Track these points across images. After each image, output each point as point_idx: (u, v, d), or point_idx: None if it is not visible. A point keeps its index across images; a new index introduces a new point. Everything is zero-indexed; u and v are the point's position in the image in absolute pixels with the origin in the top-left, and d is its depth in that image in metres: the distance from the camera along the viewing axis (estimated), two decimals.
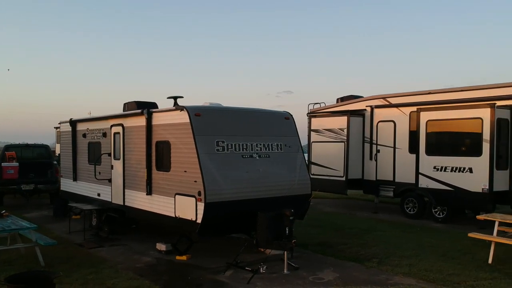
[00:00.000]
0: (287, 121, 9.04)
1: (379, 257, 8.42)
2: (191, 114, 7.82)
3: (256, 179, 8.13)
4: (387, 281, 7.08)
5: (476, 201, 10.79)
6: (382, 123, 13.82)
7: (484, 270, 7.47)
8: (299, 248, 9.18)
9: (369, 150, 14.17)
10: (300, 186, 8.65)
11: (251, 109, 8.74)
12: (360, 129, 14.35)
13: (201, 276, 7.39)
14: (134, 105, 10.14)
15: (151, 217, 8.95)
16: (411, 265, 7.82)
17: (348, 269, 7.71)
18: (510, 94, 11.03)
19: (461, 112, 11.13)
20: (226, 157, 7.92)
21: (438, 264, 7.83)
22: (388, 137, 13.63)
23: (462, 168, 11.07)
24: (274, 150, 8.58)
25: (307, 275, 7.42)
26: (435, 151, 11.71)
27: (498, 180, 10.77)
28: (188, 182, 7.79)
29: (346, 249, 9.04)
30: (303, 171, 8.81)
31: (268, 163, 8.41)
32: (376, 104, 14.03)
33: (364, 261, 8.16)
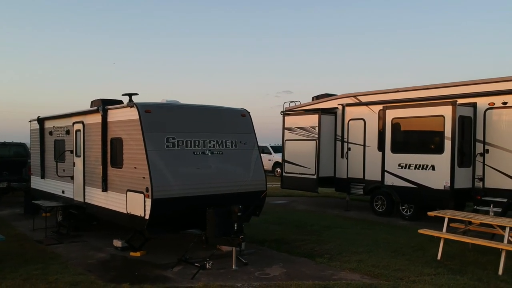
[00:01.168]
0: (243, 118, 9.08)
1: (332, 253, 8.47)
2: (141, 110, 7.85)
3: (207, 175, 8.16)
4: (332, 276, 7.12)
5: (439, 198, 10.84)
6: (353, 121, 13.87)
7: (430, 266, 7.51)
8: (256, 245, 9.26)
9: (341, 148, 14.22)
10: (254, 183, 8.69)
11: (205, 106, 8.77)
12: (332, 127, 14.40)
13: (148, 272, 7.43)
14: (99, 102, 10.16)
15: (107, 213, 8.99)
16: (360, 261, 7.85)
17: (297, 265, 7.75)
18: (474, 92, 11.06)
19: (424, 109, 11.19)
20: (176, 154, 7.95)
21: (387, 260, 7.86)
22: (358, 135, 13.68)
23: (425, 166, 11.12)
24: (228, 147, 8.62)
25: (254, 270, 7.46)
26: (399, 149, 11.76)
27: (461, 177, 10.81)
28: (138, 178, 7.83)
29: (302, 246, 9.08)
30: (257, 168, 8.85)
31: (221, 160, 8.44)
32: (347, 103, 14.07)
33: (316, 257, 8.20)
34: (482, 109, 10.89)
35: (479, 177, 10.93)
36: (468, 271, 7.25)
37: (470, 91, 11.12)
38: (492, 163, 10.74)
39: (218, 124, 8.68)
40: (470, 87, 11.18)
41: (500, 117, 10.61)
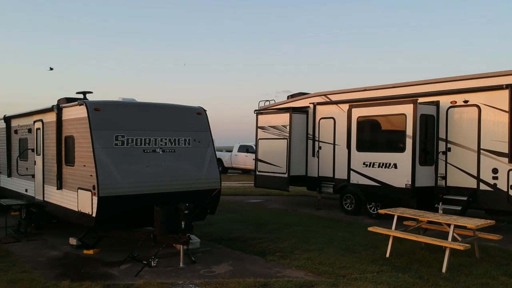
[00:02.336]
0: (199, 116, 9.08)
1: (285, 251, 8.47)
2: (90, 108, 7.85)
3: (157, 173, 8.16)
4: (276, 274, 7.13)
5: (401, 197, 10.85)
6: (324, 120, 13.88)
7: (376, 264, 7.52)
8: (213, 243, 9.27)
9: (312, 147, 14.23)
10: (207, 181, 8.69)
11: (159, 104, 8.77)
12: (304, 126, 14.41)
13: (95, 269, 7.43)
14: (63, 101, 10.16)
15: (61, 211, 9.00)
16: (309, 259, 7.86)
17: (246, 263, 7.76)
18: (437, 90, 11.07)
19: (387, 108, 11.20)
20: (125, 152, 7.95)
21: (335, 258, 7.87)
22: (328, 134, 13.69)
23: (388, 164, 11.14)
24: (181, 145, 8.62)
25: (201, 268, 7.46)
26: (364, 147, 11.78)
27: (422, 176, 10.83)
28: (86, 176, 7.83)
29: (257, 244, 9.09)
30: (212, 166, 8.86)
31: (173, 158, 8.44)
32: (318, 101, 14.08)
33: (267, 255, 8.20)
34: (445, 108, 10.90)
35: (442, 175, 10.95)
36: (412, 268, 7.26)
37: (434, 90, 11.13)
38: (454, 161, 10.76)
39: (172, 122, 8.68)
40: (433, 86, 11.19)
41: (462, 115, 10.62)
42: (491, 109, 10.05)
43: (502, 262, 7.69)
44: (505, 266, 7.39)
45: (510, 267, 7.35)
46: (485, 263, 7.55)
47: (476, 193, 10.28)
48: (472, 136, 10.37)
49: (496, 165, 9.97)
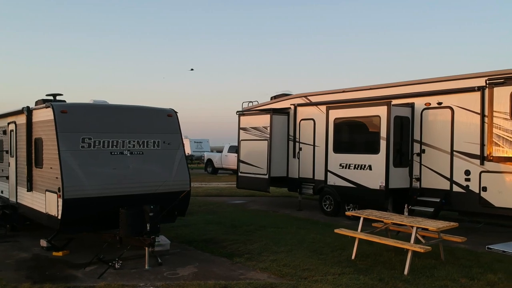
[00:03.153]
0: (169, 118, 9.10)
1: (253, 253, 8.49)
2: (56, 111, 7.87)
3: (124, 175, 8.18)
4: (239, 276, 7.16)
5: (375, 198, 10.89)
6: (304, 121, 13.91)
7: (340, 266, 7.54)
8: (185, 245, 9.30)
9: (293, 148, 14.26)
10: (176, 183, 8.71)
11: (128, 106, 8.79)
12: (285, 127, 14.43)
13: (60, 271, 7.46)
14: (41, 102, 10.18)
15: (32, 213, 9.02)
16: (274, 260, 7.89)
17: (212, 265, 7.78)
18: (413, 92, 11.10)
19: (363, 110, 11.23)
20: (92, 154, 7.97)
21: (301, 260, 7.90)
22: (308, 135, 13.72)
23: (363, 166, 11.16)
24: (150, 147, 8.64)
25: (166, 270, 7.49)
26: (341, 149, 11.81)
27: (397, 177, 10.86)
28: (53, 178, 7.86)
29: (228, 245, 9.11)
30: (181, 168, 8.88)
31: (141, 160, 8.46)
32: (299, 103, 14.11)
33: (235, 257, 8.23)
34: (420, 109, 10.94)
35: (417, 177, 10.98)
36: (375, 270, 7.29)
37: (409, 92, 11.17)
38: (428, 163, 10.79)
39: (141, 124, 8.69)
40: (409, 87, 11.22)
41: (436, 117, 10.65)
42: (463, 111, 10.09)
43: (466, 264, 7.71)
44: (467, 268, 7.42)
45: (472, 269, 7.37)
46: (448, 265, 7.58)
47: (449, 195, 10.32)
48: (446, 137, 10.40)
49: (468, 166, 10.00)
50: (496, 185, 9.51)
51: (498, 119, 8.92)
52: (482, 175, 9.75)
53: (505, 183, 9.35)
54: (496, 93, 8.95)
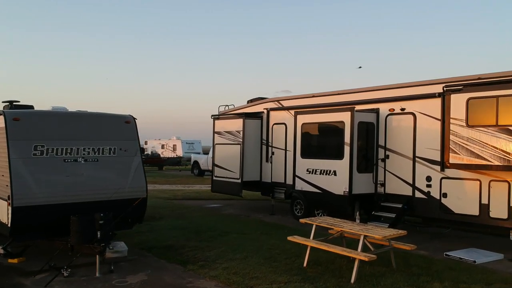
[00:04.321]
0: (127, 125, 9.10)
1: (208, 260, 8.49)
2: (8, 118, 7.88)
3: (77, 183, 8.18)
4: (187, 284, 7.18)
5: (340, 204, 10.90)
6: (276, 125, 13.93)
7: (290, 274, 7.54)
8: (145, 251, 9.29)
9: (266, 152, 14.27)
10: (131, 190, 8.71)
11: (83, 113, 8.81)
12: (258, 131, 14.45)
13: (9, 279, 7.44)
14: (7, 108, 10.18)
15: None
16: (226, 268, 7.88)
17: (164, 272, 7.78)
18: (378, 98, 11.12)
19: (328, 115, 11.25)
20: (44, 162, 7.97)
21: (253, 267, 7.89)
22: (281, 140, 13.74)
23: (328, 171, 11.18)
24: (106, 154, 8.64)
25: (116, 278, 7.49)
26: (308, 154, 11.82)
27: (361, 183, 10.87)
28: (4, 186, 7.86)
29: (186, 252, 9.11)
30: (138, 175, 8.88)
31: (95, 167, 8.47)
32: (271, 107, 14.13)
33: (189, 264, 8.23)
34: (384, 115, 10.95)
35: (381, 182, 10.99)
36: (322, 279, 7.29)
37: (375, 97, 11.18)
38: (392, 168, 10.81)
39: (97, 131, 8.70)
40: (375, 93, 11.25)
41: (399, 123, 10.67)
42: (425, 117, 10.11)
43: (416, 272, 7.72)
44: (415, 277, 7.42)
45: (420, 278, 7.38)
46: (398, 273, 7.58)
47: (412, 201, 10.34)
48: (408, 143, 10.42)
49: (429, 173, 10.02)
50: (455, 191, 9.53)
51: (455, 126, 8.93)
52: (442, 181, 9.77)
53: (464, 190, 9.37)
54: (453, 100, 8.97)
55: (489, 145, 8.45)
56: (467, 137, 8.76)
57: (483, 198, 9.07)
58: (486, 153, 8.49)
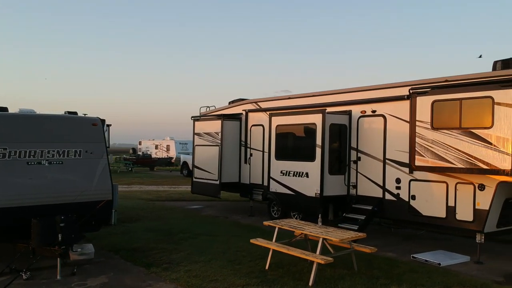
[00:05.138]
0: (94, 127, 9.09)
1: (173, 262, 8.50)
2: None
3: (41, 185, 8.18)
4: (146, 287, 7.18)
5: (312, 206, 10.91)
6: (254, 127, 13.94)
7: (249, 277, 7.54)
8: (113, 253, 9.29)
9: (244, 153, 14.28)
10: (96, 193, 8.71)
11: (48, 115, 8.80)
12: (237, 133, 14.46)
13: None
14: None
15: None
16: (188, 271, 7.89)
17: (126, 275, 7.79)
18: (350, 99, 11.13)
19: (301, 117, 11.26)
20: (6, 164, 7.95)
21: (214, 270, 7.90)
22: (258, 141, 13.74)
23: (301, 173, 11.19)
24: (71, 156, 8.63)
25: (76, 281, 7.49)
26: (282, 156, 11.83)
27: (333, 185, 10.88)
28: None
29: (153, 255, 9.11)
30: (103, 177, 8.87)
31: (60, 170, 8.46)
32: (250, 108, 14.14)
33: (153, 267, 8.22)
34: (356, 117, 10.96)
35: (353, 184, 11.01)
36: (281, 282, 7.30)
37: (348, 99, 11.20)
38: (363, 170, 10.82)
39: (63, 133, 8.69)
40: (348, 95, 11.26)
41: (370, 125, 10.68)
42: (395, 119, 10.12)
43: (376, 275, 7.73)
44: (375, 280, 7.43)
45: (379, 281, 7.39)
46: (358, 276, 7.59)
47: (382, 203, 10.35)
48: (379, 145, 10.44)
49: (399, 175, 10.04)
50: (423, 193, 9.55)
51: (421, 129, 8.95)
52: (411, 183, 9.78)
53: (432, 192, 9.39)
54: (419, 102, 8.98)
55: (452, 147, 8.46)
56: (432, 139, 8.77)
57: (450, 200, 9.08)
58: (450, 155, 8.50)
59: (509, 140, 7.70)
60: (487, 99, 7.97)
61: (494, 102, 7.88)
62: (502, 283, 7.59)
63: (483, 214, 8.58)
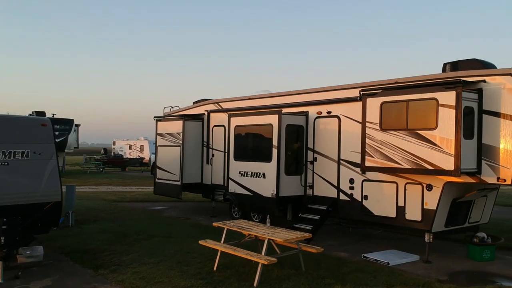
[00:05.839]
0: (43, 128, 8.93)
1: (123, 264, 8.41)
2: None
3: None
4: None
5: (268, 206, 10.94)
6: (216, 127, 13.91)
7: (195, 278, 7.51)
8: (64, 256, 9.15)
9: (206, 154, 14.24)
10: (45, 194, 8.57)
11: None
12: (199, 133, 14.41)
13: None
14: None
15: None
16: (135, 273, 7.82)
17: (71, 278, 7.68)
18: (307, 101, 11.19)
19: (258, 118, 11.27)
20: None
21: (162, 272, 7.85)
22: (220, 142, 13.71)
23: (258, 174, 11.20)
24: (18, 157, 8.46)
25: (19, 284, 7.38)
26: (240, 156, 11.82)
27: (289, 185, 10.93)
28: None
29: (104, 256, 9.01)
30: (52, 179, 8.73)
31: (5, 171, 8.29)
32: (212, 109, 14.10)
33: (101, 269, 8.13)
34: (313, 118, 11.03)
35: (310, 185, 11.07)
36: (226, 283, 7.29)
37: (305, 100, 11.26)
38: (319, 171, 10.90)
39: (10, 134, 8.50)
40: (305, 96, 11.32)
41: (326, 126, 10.76)
42: (348, 120, 10.22)
43: (323, 274, 7.78)
44: (320, 279, 7.48)
45: (324, 280, 7.44)
46: (304, 276, 7.62)
47: (337, 203, 10.44)
48: (334, 146, 10.53)
49: (352, 175, 10.14)
50: (375, 193, 9.66)
51: (370, 130, 9.05)
52: (364, 184, 9.89)
53: (383, 192, 9.50)
54: (369, 103, 9.09)
55: (400, 148, 8.59)
56: (381, 140, 8.88)
57: (400, 200, 9.21)
58: (397, 156, 8.62)
59: (452, 141, 7.85)
60: (432, 101, 8.11)
61: (438, 103, 8.02)
62: (445, 281, 7.73)
63: (430, 214, 8.73)
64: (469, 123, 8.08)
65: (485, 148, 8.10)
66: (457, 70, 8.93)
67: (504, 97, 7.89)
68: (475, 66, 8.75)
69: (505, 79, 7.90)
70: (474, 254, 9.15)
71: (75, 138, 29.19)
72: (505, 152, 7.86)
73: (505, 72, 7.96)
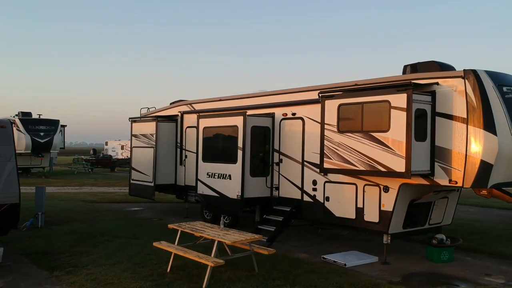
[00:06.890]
0: (2, 129, 8.97)
1: (79, 266, 8.44)
2: None
3: None
4: None
5: (234, 208, 10.97)
6: (189, 129, 13.94)
7: (146, 280, 7.53)
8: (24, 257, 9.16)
9: (180, 155, 14.27)
10: (3, 196, 8.60)
11: None
12: (173, 134, 14.44)
13: None
14: None
15: None
16: (89, 274, 7.85)
17: (25, 279, 7.70)
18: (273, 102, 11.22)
19: (225, 120, 11.31)
20: None
21: (115, 273, 7.87)
22: (193, 143, 13.72)
23: (224, 175, 11.24)
24: None
25: None
26: (208, 158, 11.86)
27: (254, 187, 10.96)
28: None
29: (63, 258, 9.03)
30: (10, 180, 8.76)
31: None
32: (185, 110, 14.14)
33: (57, 270, 8.15)
34: (278, 119, 11.07)
35: (276, 186, 11.11)
36: (175, 284, 7.33)
37: (272, 102, 11.30)
38: (284, 172, 10.94)
39: None
40: (272, 98, 11.36)
41: (291, 127, 10.81)
42: (312, 122, 10.27)
43: (275, 276, 7.81)
44: (271, 281, 7.51)
45: (274, 282, 7.47)
46: (255, 278, 7.66)
47: (300, 204, 10.48)
48: (298, 148, 10.58)
49: (315, 177, 10.18)
50: (336, 195, 9.71)
51: (328, 132, 9.10)
52: (326, 185, 9.93)
53: (343, 194, 9.55)
54: (327, 106, 9.13)
55: (356, 150, 8.63)
56: (338, 142, 8.92)
57: (359, 202, 9.26)
58: (354, 158, 8.67)
59: (403, 143, 7.89)
60: (385, 103, 8.16)
61: (391, 106, 8.07)
62: (397, 283, 7.77)
63: (387, 215, 8.77)
64: (422, 125, 8.12)
65: (438, 150, 8.14)
66: (416, 72, 8.98)
67: (455, 100, 7.93)
68: (433, 68, 8.79)
69: (457, 82, 7.94)
70: (433, 255, 9.19)
71: (61, 138, 29.20)
72: (457, 154, 7.91)
73: (457, 75, 8.00)
